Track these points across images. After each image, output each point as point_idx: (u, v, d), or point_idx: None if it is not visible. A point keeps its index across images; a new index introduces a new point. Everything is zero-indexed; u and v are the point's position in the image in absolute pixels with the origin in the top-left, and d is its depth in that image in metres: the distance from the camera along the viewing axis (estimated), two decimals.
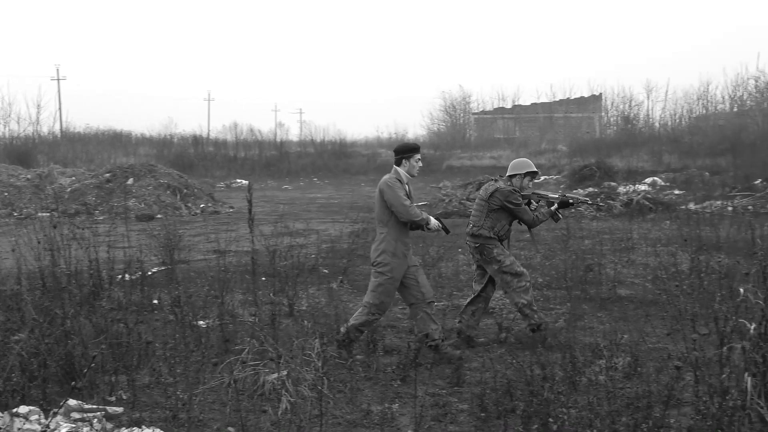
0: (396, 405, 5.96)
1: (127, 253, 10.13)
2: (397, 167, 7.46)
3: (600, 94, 69.56)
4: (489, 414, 5.59)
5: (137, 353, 6.68)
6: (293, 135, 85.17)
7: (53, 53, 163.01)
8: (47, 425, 5.19)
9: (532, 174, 8.04)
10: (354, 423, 5.65)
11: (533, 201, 8.14)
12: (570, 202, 8.22)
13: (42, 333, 6.02)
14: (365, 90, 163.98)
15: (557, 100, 71.46)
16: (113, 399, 6.00)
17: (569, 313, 8.73)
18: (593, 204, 9.57)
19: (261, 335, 6.44)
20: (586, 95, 69.90)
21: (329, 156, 52.77)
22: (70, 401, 5.42)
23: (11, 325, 6.29)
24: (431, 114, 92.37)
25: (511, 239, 8.27)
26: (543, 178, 34.59)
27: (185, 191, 25.78)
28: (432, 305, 7.38)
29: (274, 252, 10.04)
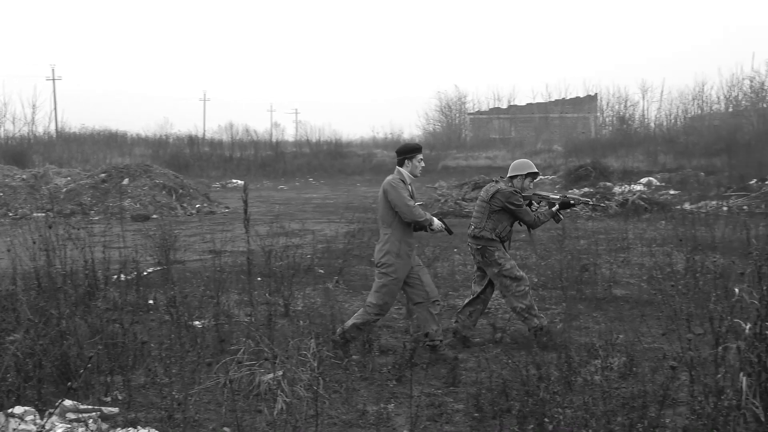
0: (391, 405, 5.96)
1: (123, 254, 10.11)
2: (400, 168, 7.45)
3: (595, 94, 69.65)
4: (484, 414, 5.59)
5: (133, 353, 6.67)
6: (289, 135, 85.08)
7: (49, 53, 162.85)
8: (43, 426, 5.18)
9: (532, 175, 8.03)
10: (350, 423, 5.65)
11: (534, 202, 8.13)
12: (571, 202, 8.21)
13: (37, 333, 6.01)
14: (361, 90, 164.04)
15: (553, 100, 71.50)
16: (109, 399, 5.99)
17: (565, 313, 8.74)
18: (595, 204, 9.56)
19: (257, 335, 6.43)
20: (581, 95, 69.95)
21: (325, 156, 52.79)
22: (65, 402, 5.41)
23: (6, 326, 6.27)
24: (427, 114, 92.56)
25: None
26: (539, 178, 34.57)
27: (181, 191, 25.77)
28: (436, 305, 7.40)
29: (269, 252, 10.05)
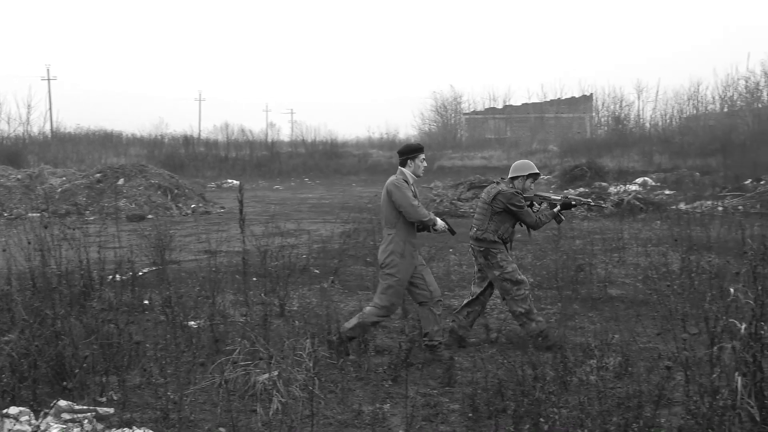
0: (387, 405, 5.96)
1: (118, 254, 10.11)
2: (403, 168, 7.45)
3: (591, 94, 69.68)
4: (480, 414, 5.60)
5: (128, 354, 6.66)
6: (284, 135, 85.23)
7: (44, 53, 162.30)
8: (38, 426, 5.18)
9: (534, 176, 8.00)
10: (345, 423, 5.65)
11: (535, 203, 8.11)
12: (573, 203, 8.19)
13: (32, 334, 6.00)
14: (356, 90, 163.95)
15: (548, 100, 71.56)
16: (104, 400, 5.99)
17: (560, 313, 8.75)
18: (596, 205, 9.55)
19: (252, 335, 6.43)
20: (577, 95, 70.01)
21: (320, 156, 52.80)
22: (60, 402, 5.41)
23: (1, 326, 6.28)
24: (422, 114, 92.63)
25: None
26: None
27: (176, 191, 25.75)
28: (439, 305, 7.41)
29: (265, 252, 10.04)
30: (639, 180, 31.44)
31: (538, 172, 8.05)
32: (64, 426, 5.21)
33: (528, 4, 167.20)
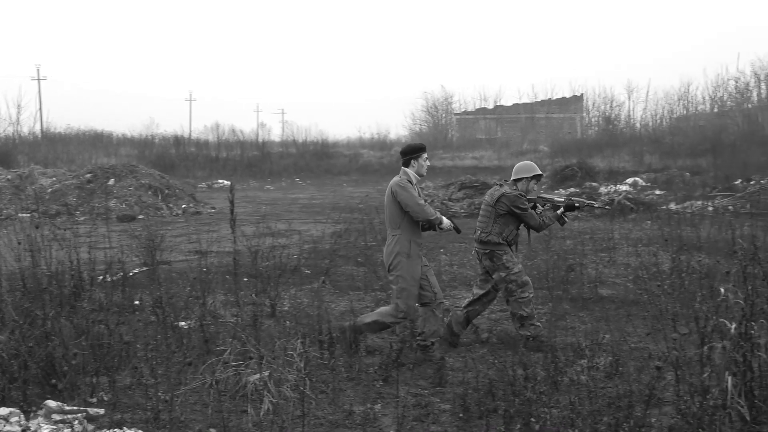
0: (378, 405, 5.95)
1: (108, 254, 10.08)
2: (406, 168, 7.44)
3: (581, 94, 69.88)
4: (471, 414, 5.60)
5: (118, 354, 6.65)
6: (275, 135, 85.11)
7: (33, 53, 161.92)
8: (28, 427, 5.16)
9: (537, 177, 7.99)
10: (336, 423, 5.64)
11: (539, 205, 8.11)
12: (576, 205, 8.19)
13: (22, 334, 5.98)
14: (347, 90, 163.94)
15: (539, 100, 71.71)
16: (94, 400, 5.97)
17: (551, 313, 8.76)
18: (599, 207, 9.53)
19: (243, 336, 6.42)
20: (567, 96, 70.18)
21: (311, 156, 52.73)
22: (50, 403, 5.39)
23: None
24: (413, 114, 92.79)
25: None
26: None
27: (167, 192, 25.68)
28: (441, 306, 7.42)
29: (256, 253, 10.02)
30: (629, 180, 31.48)
31: (541, 173, 8.04)
32: (54, 427, 5.20)
33: (519, 4, 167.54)
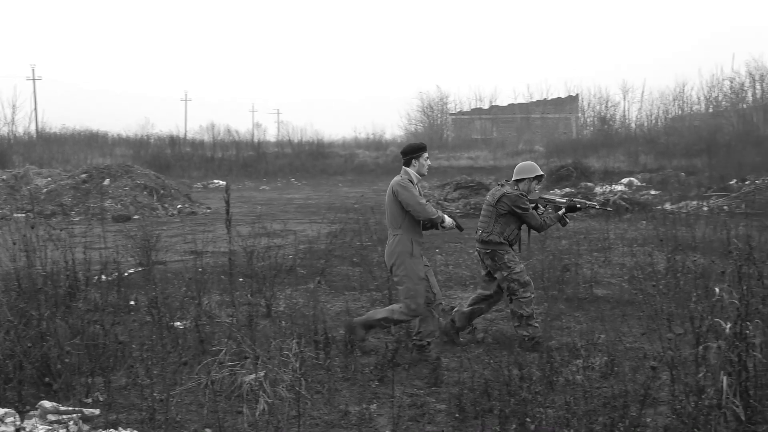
0: (374, 405, 5.96)
1: (104, 254, 10.05)
2: (407, 168, 7.45)
3: (576, 94, 69.94)
4: (466, 414, 5.60)
5: (114, 354, 6.64)
6: (271, 135, 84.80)
7: (29, 53, 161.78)
8: (23, 427, 5.16)
9: (539, 177, 8.01)
10: (332, 424, 5.64)
11: (540, 205, 8.11)
12: (578, 206, 8.19)
13: (17, 335, 5.97)
14: (343, 90, 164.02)
15: (534, 100, 71.69)
16: (89, 401, 5.96)
17: (546, 313, 8.76)
18: (602, 208, 9.53)
19: (238, 336, 6.42)
20: (562, 96, 70.21)
21: (307, 156, 52.64)
22: (45, 403, 5.38)
23: None
24: (409, 114, 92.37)
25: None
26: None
27: (162, 192, 25.65)
28: (439, 307, 7.43)
29: (251, 253, 10.02)
30: (625, 180, 31.49)
31: (542, 173, 8.06)
32: (49, 427, 5.19)
33: (514, 5, 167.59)
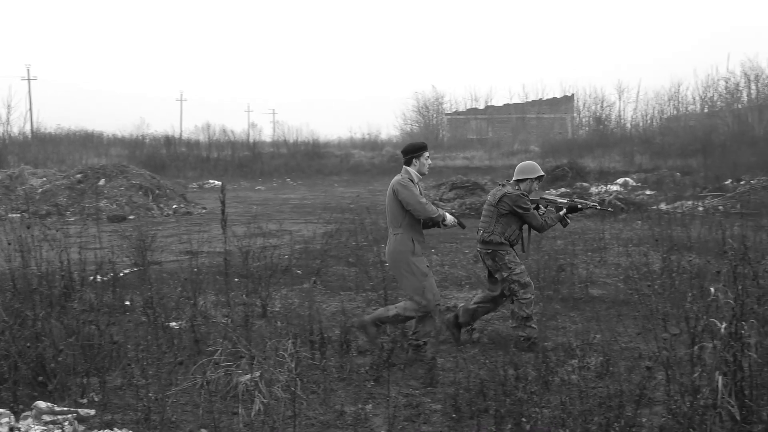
0: (369, 405, 5.95)
1: (99, 255, 10.05)
2: (407, 167, 7.44)
3: (572, 95, 70.02)
4: (462, 414, 5.60)
5: (109, 355, 6.63)
6: (266, 135, 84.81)
7: (24, 53, 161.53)
8: (18, 428, 5.14)
9: (539, 177, 8.03)
10: (327, 424, 5.64)
11: (541, 206, 8.12)
12: (579, 207, 8.20)
13: (12, 335, 5.96)
14: (338, 90, 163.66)
15: (530, 100, 71.82)
16: (85, 401, 5.96)
17: (542, 313, 8.76)
18: (603, 209, 9.54)
19: (234, 336, 6.41)
20: (558, 96, 70.30)
21: (302, 157, 52.63)
22: (40, 403, 5.38)
23: None
24: (404, 114, 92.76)
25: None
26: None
27: (157, 192, 25.63)
28: (437, 308, 7.43)
29: (247, 253, 10.01)
30: (620, 180, 31.58)
31: (543, 173, 8.07)
32: (44, 428, 5.18)
33: (510, 5, 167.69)
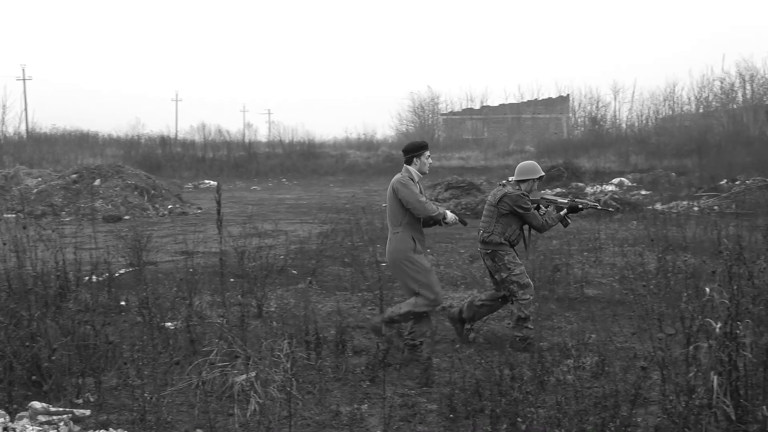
0: (365, 406, 5.96)
1: (94, 255, 10.03)
2: (408, 166, 7.45)
3: (567, 95, 70.04)
4: (458, 414, 5.60)
5: (104, 355, 6.62)
6: (262, 136, 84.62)
7: (19, 53, 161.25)
8: (13, 428, 5.14)
9: (540, 177, 8.05)
10: (323, 424, 5.64)
11: (542, 206, 8.13)
12: (580, 207, 8.20)
13: (8, 335, 5.95)
14: (334, 90, 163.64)
15: (525, 101, 71.78)
16: (80, 401, 5.95)
17: (537, 313, 8.76)
18: (604, 209, 9.54)
19: (229, 336, 6.41)
20: (553, 96, 70.31)
21: (298, 157, 52.56)
22: (35, 404, 5.37)
23: None
24: (400, 115, 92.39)
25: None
26: (511, 178, 34.70)
27: (153, 192, 25.60)
28: (436, 309, 7.43)
29: (242, 253, 10.01)
30: (615, 180, 31.59)
31: (544, 174, 8.09)
32: (40, 428, 5.18)
33: (505, 5, 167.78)
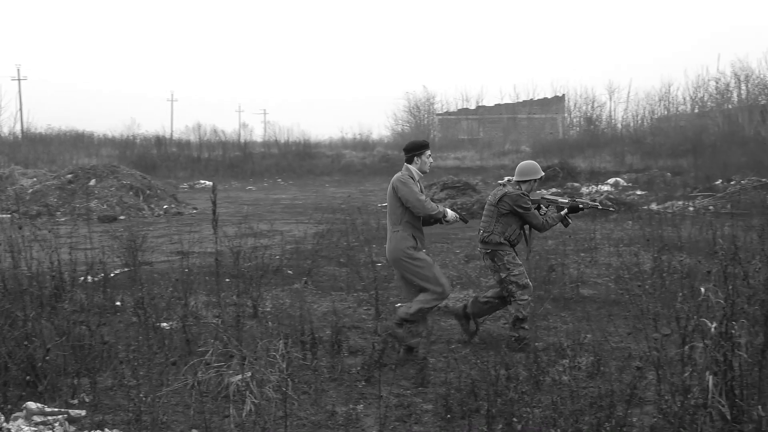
0: (360, 406, 5.95)
1: (90, 255, 10.02)
2: (409, 165, 7.46)
3: (563, 95, 70.11)
4: (453, 414, 5.60)
5: (99, 356, 6.61)
6: (257, 136, 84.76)
7: (14, 53, 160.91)
8: (8, 429, 5.13)
9: (540, 177, 8.06)
10: (319, 424, 5.64)
11: (542, 206, 8.13)
12: (580, 207, 8.21)
13: (2, 336, 5.95)
14: (329, 90, 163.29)
15: (521, 101, 71.88)
16: (75, 402, 5.94)
17: (533, 313, 8.76)
18: (604, 209, 9.55)
19: (225, 337, 6.40)
20: (549, 96, 70.38)
21: (293, 157, 52.54)
22: (30, 404, 5.36)
23: None
24: (395, 115, 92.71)
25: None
26: (507, 179, 34.76)
27: (148, 192, 25.57)
28: (434, 309, 7.43)
29: (238, 253, 9.99)
30: (611, 180, 31.65)
31: (544, 173, 8.10)
32: (35, 428, 5.17)
33: (501, 5, 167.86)
